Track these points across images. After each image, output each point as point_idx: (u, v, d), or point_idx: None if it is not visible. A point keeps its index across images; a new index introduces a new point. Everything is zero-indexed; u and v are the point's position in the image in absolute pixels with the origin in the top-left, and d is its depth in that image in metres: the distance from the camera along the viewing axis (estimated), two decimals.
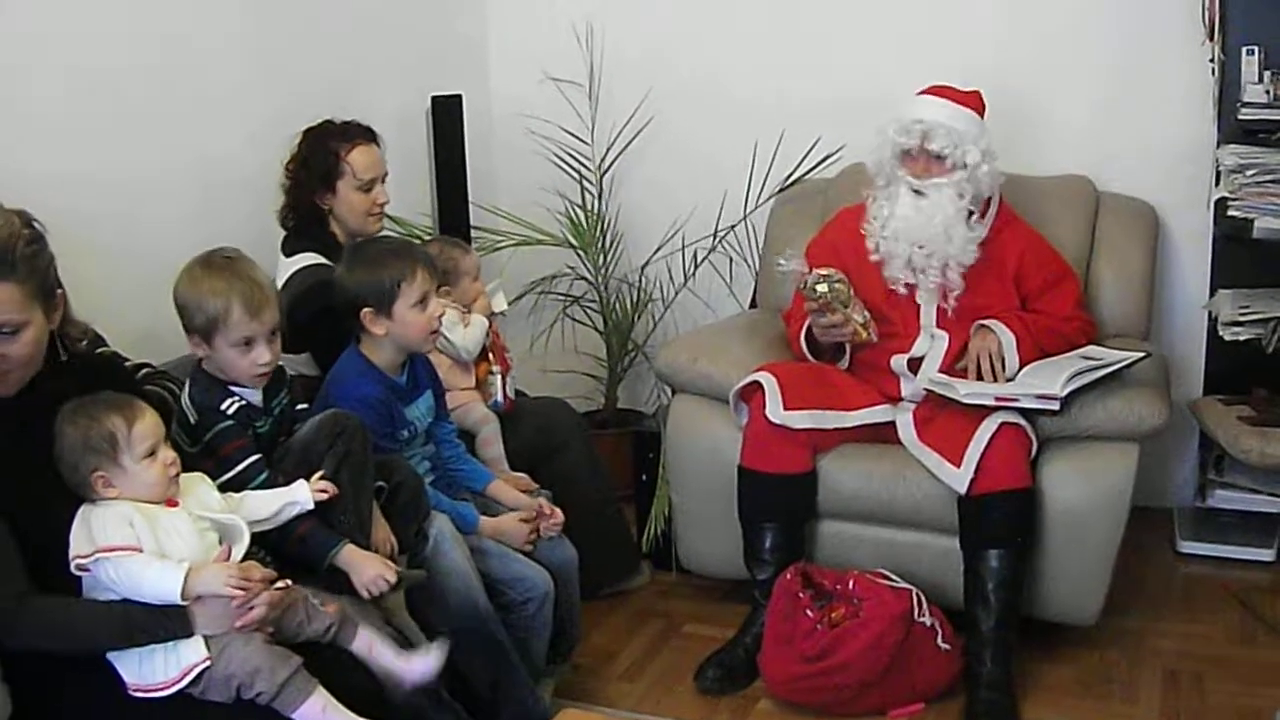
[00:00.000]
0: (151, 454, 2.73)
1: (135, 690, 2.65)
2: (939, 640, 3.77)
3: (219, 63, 4.22)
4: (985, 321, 4.03)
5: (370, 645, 2.90)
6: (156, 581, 2.62)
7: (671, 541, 4.52)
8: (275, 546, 3.01)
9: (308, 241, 4.05)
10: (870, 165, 4.16)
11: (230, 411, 3.10)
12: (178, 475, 2.79)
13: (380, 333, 3.46)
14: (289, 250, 4.06)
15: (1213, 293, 4.66)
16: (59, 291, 2.76)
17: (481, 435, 4.01)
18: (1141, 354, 3.95)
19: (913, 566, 3.94)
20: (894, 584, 3.80)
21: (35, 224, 2.68)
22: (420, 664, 2.93)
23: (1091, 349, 4.06)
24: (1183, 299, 4.87)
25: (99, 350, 3.31)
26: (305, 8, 4.57)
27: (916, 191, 4.02)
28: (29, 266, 2.64)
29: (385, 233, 4.26)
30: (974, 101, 4.09)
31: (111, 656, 2.67)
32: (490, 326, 4.18)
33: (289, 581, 2.80)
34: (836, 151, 4.92)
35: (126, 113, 3.88)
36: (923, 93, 4.10)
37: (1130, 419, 3.82)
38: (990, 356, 3.95)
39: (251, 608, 2.67)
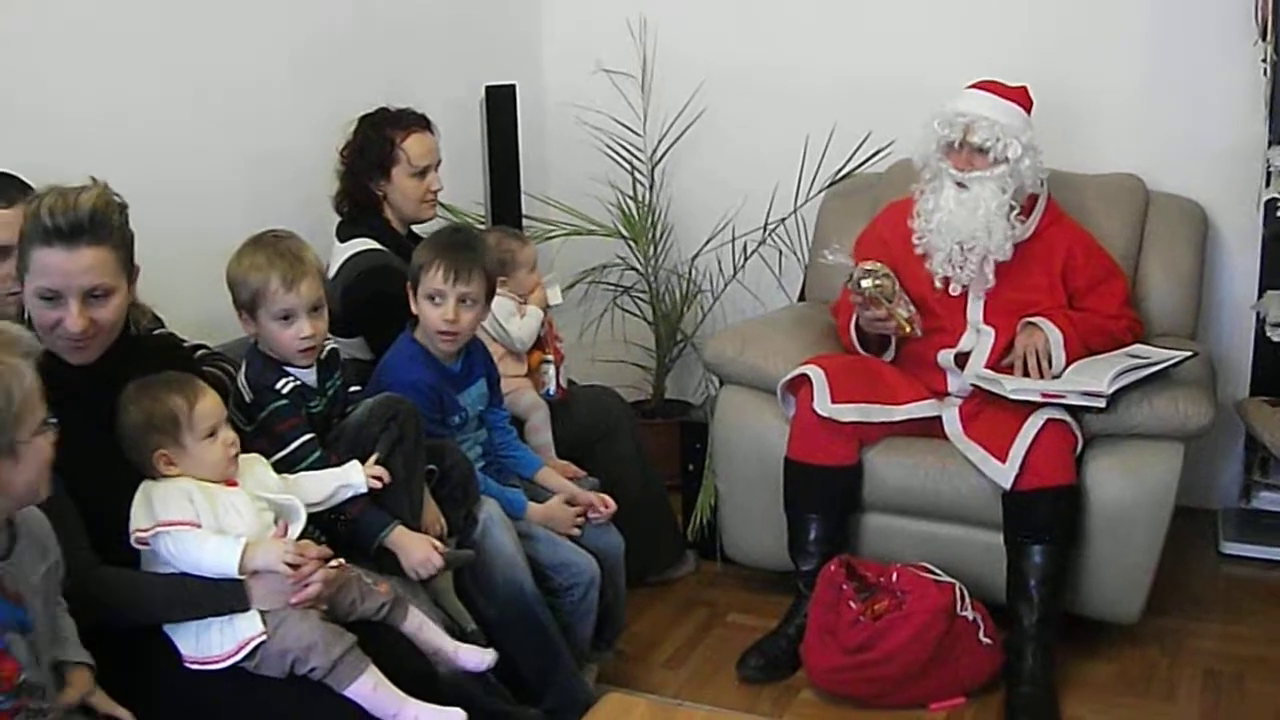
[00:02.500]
0: (212, 434, 2.79)
1: (191, 662, 2.70)
2: (981, 634, 3.79)
3: (277, 51, 4.28)
4: (1032, 318, 4.04)
5: (421, 625, 2.96)
6: (215, 555, 2.67)
7: (716, 531, 4.54)
8: (328, 526, 3.08)
9: (362, 228, 4.10)
10: (916, 158, 4.18)
11: (284, 391, 3.16)
12: (237, 455, 2.85)
13: (416, 310, 3.53)
14: (344, 236, 4.11)
15: (1261, 293, 4.63)
16: (136, 265, 2.82)
17: (531, 422, 4.05)
18: (1188, 353, 3.95)
19: (956, 561, 3.95)
20: (937, 578, 3.83)
21: (117, 197, 2.75)
22: (470, 657, 3.00)
23: (1138, 347, 4.06)
24: (1231, 299, 4.86)
25: (157, 331, 3.38)
26: None
27: (960, 184, 4.03)
28: (120, 235, 2.74)
29: (439, 220, 4.30)
30: (1020, 96, 4.09)
31: (169, 629, 2.72)
32: (545, 317, 4.22)
33: (343, 560, 2.85)
34: (887, 146, 4.92)
35: (185, 101, 3.95)
36: (970, 87, 4.11)
37: (1176, 418, 3.82)
38: (1037, 353, 3.96)
39: (307, 584, 2.72)
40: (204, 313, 3.49)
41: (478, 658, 3.01)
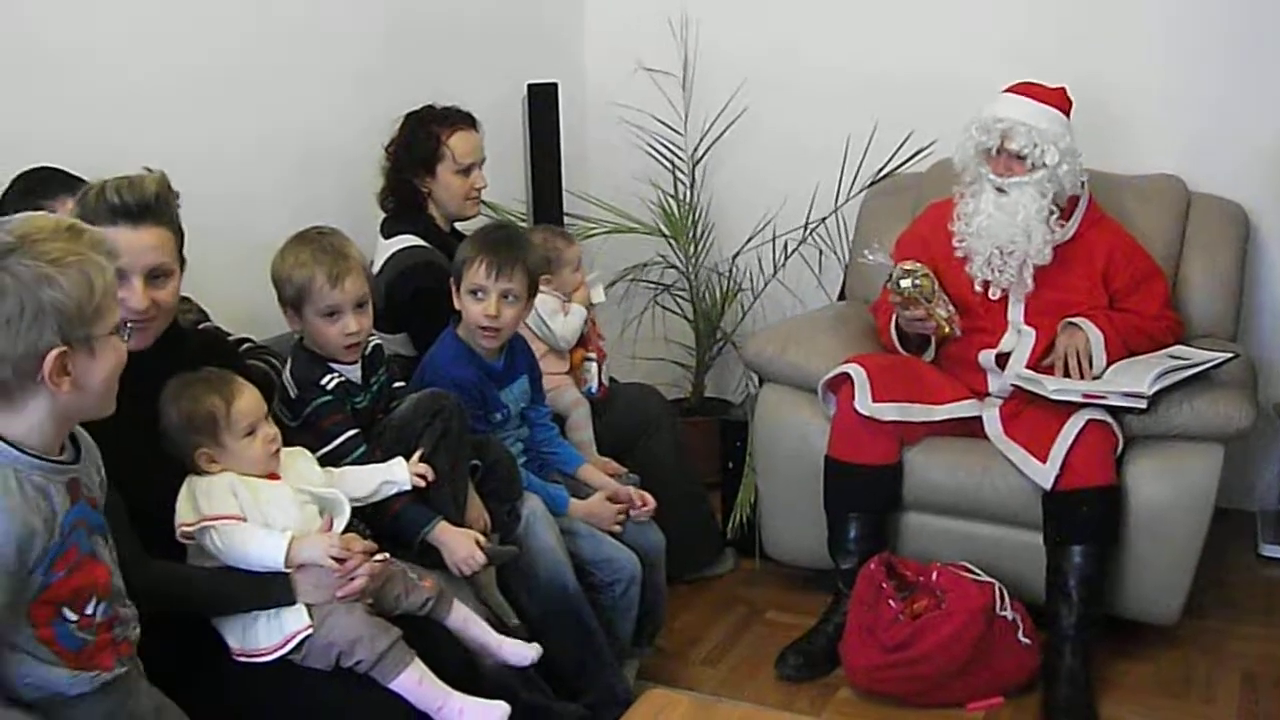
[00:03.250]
0: (251, 431, 2.81)
1: (239, 655, 2.73)
2: (1020, 634, 3.80)
3: (319, 49, 4.32)
4: (1073, 319, 4.04)
5: (465, 620, 2.98)
6: (261, 549, 2.69)
7: (756, 529, 4.56)
8: (372, 520, 3.10)
9: (406, 224, 4.13)
10: (956, 162, 4.19)
11: (329, 387, 3.19)
12: (278, 451, 2.87)
13: (459, 306, 3.56)
14: (388, 232, 4.13)
15: None
16: (184, 257, 2.86)
17: (572, 419, 4.07)
18: (1229, 354, 3.95)
19: (995, 560, 3.96)
20: (977, 577, 3.83)
21: None
22: (515, 652, 3.02)
23: (1179, 348, 4.06)
24: (1272, 301, 4.85)
25: (202, 325, 3.42)
26: None
27: (999, 189, 4.04)
28: (177, 220, 2.80)
29: (481, 217, 4.32)
30: (1058, 99, 4.08)
31: (216, 622, 2.75)
32: (588, 316, 4.24)
33: (388, 555, 2.87)
34: (928, 146, 4.93)
35: (228, 98, 3.98)
36: (1007, 90, 4.11)
37: (1216, 419, 3.82)
38: (1078, 353, 3.96)
39: (353, 578, 2.75)
40: (248, 308, 3.53)
41: (522, 652, 3.04)
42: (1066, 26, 4.86)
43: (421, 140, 4.16)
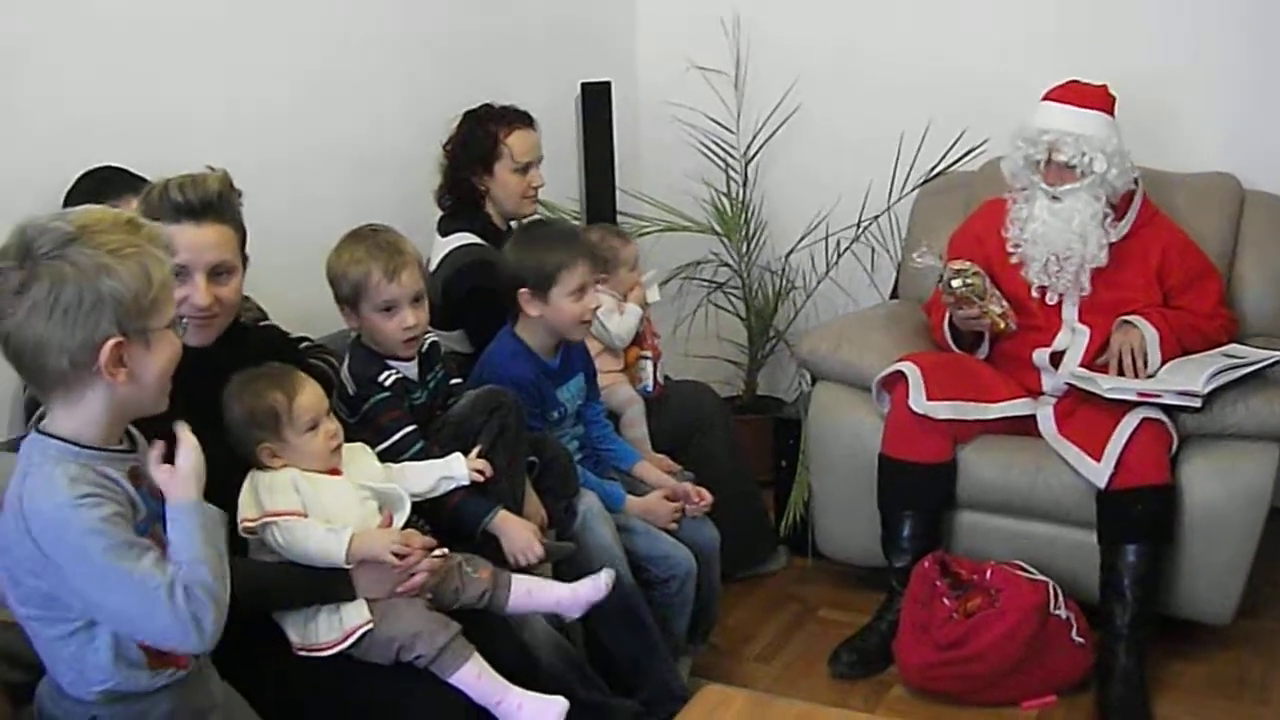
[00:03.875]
0: (313, 427, 2.84)
1: (300, 650, 2.76)
2: (1073, 633, 3.80)
3: (375, 49, 4.36)
4: (1128, 317, 4.03)
5: (528, 591, 3.00)
6: (321, 546, 2.72)
7: (809, 527, 4.57)
8: (429, 515, 3.12)
9: (463, 222, 4.16)
10: (1006, 172, 4.19)
11: (387, 383, 3.22)
12: (339, 447, 2.89)
13: (534, 314, 3.56)
14: (445, 230, 4.17)
15: None
16: (246, 254, 2.90)
17: (626, 416, 4.09)
18: None
19: (1049, 559, 3.96)
20: (1031, 576, 3.83)
21: None
22: (586, 590, 3.04)
23: (1234, 347, 4.05)
24: None
25: (263, 323, 3.45)
26: None
27: (1053, 197, 4.04)
28: (239, 218, 2.85)
29: (535, 216, 4.36)
30: (1100, 100, 4.07)
31: (276, 616, 2.78)
32: (643, 315, 4.27)
33: (447, 550, 2.90)
34: (980, 145, 4.92)
35: (285, 97, 4.03)
36: (1048, 96, 4.10)
37: (1271, 418, 3.81)
38: (1133, 352, 3.95)
39: (413, 574, 2.78)
40: (304, 307, 3.56)
41: (596, 583, 3.05)
42: (1122, 23, 4.83)
43: (480, 138, 4.19)
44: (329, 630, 2.76)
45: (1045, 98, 4.11)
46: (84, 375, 2.10)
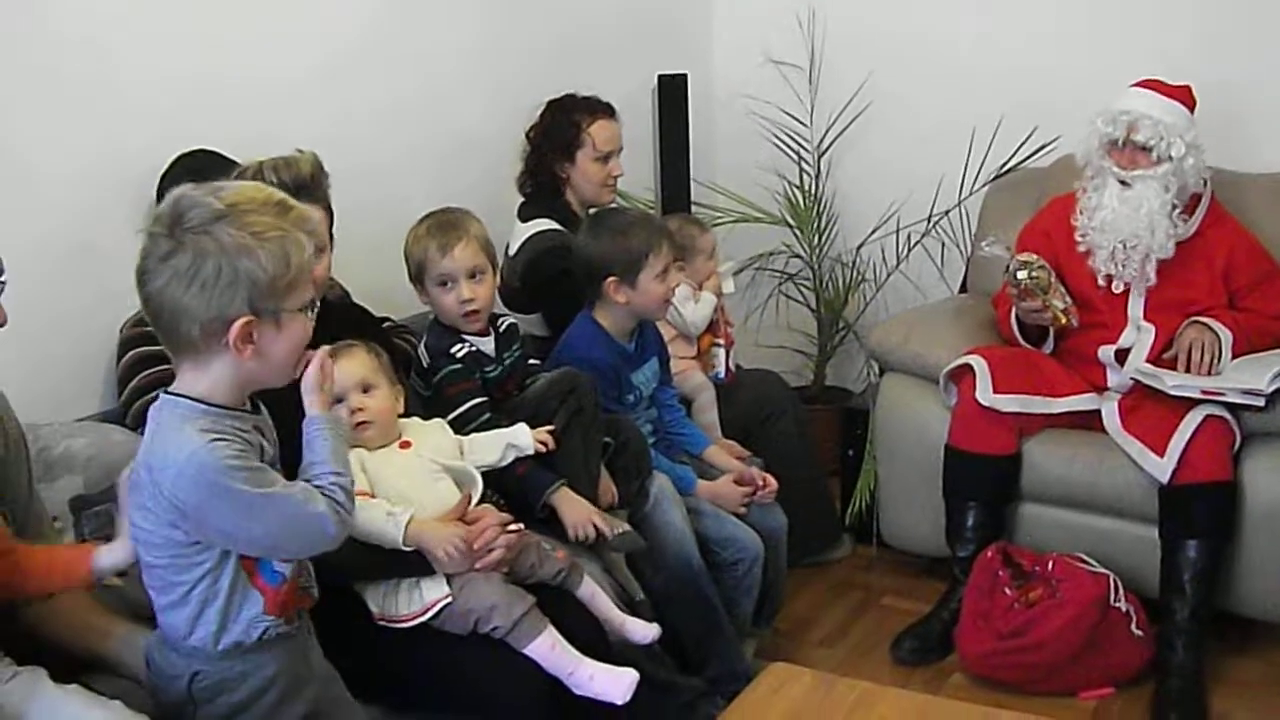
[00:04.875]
0: (340, 399, 2.87)
1: (380, 620, 2.84)
2: (1133, 626, 3.83)
3: (458, 39, 4.46)
4: (1201, 319, 4.05)
5: (594, 594, 3.08)
6: (380, 530, 2.77)
7: (874, 516, 4.62)
8: (499, 487, 3.19)
9: (543, 208, 4.25)
10: (1079, 156, 4.21)
11: (459, 355, 3.33)
12: (363, 425, 2.92)
13: (622, 300, 3.64)
14: (525, 216, 4.26)
15: None
16: (333, 234, 2.99)
17: (698, 402, 4.16)
18: None
19: (1110, 552, 3.99)
20: (1092, 568, 3.88)
21: None
22: (636, 630, 3.12)
23: None
24: None
25: (347, 302, 3.54)
26: None
27: (1123, 183, 4.06)
28: (327, 198, 2.96)
29: (612, 205, 4.43)
30: (1183, 95, 4.10)
31: (358, 587, 2.86)
32: (718, 303, 4.34)
33: (522, 525, 2.97)
34: (1052, 142, 4.94)
35: (374, 85, 4.13)
36: (1133, 85, 4.13)
37: None
38: (1202, 348, 3.97)
39: (490, 550, 2.85)
40: (386, 289, 3.65)
41: (643, 631, 3.13)
42: (1197, 24, 4.83)
43: (563, 127, 4.28)
44: (409, 603, 2.83)
45: (1131, 86, 4.13)
46: (214, 345, 2.17)
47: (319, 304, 2.96)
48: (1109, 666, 3.85)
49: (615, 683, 2.82)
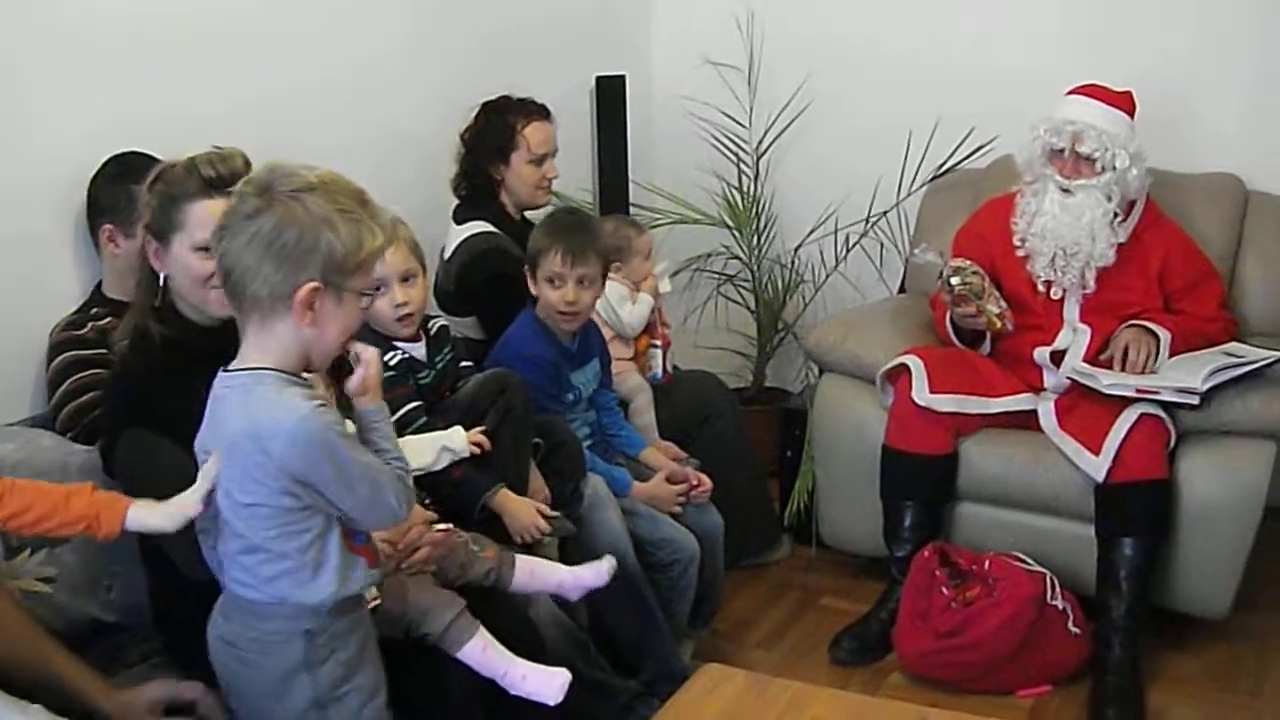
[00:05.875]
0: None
1: None
2: (1070, 624, 3.85)
3: (392, 40, 4.41)
4: (1139, 321, 4.06)
5: (530, 571, 3.05)
6: None
7: (813, 516, 4.61)
8: (433, 491, 3.17)
9: (478, 210, 4.23)
10: (1020, 161, 4.22)
11: (391, 363, 3.28)
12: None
13: (535, 293, 3.64)
14: (460, 218, 4.24)
15: None
16: None
17: (635, 404, 4.15)
18: None
19: (1047, 551, 4.00)
20: (1028, 567, 3.88)
21: None
22: (588, 574, 3.08)
23: (1234, 345, 4.08)
24: None
25: None
26: None
27: (1065, 190, 4.08)
28: None
29: (549, 207, 4.41)
30: (1125, 103, 4.11)
31: None
32: (655, 304, 4.32)
33: (450, 525, 2.95)
34: (989, 143, 4.96)
35: (305, 88, 4.06)
36: (1073, 91, 4.14)
37: (1269, 416, 3.85)
38: (1140, 349, 3.98)
39: (416, 549, 2.84)
40: None
41: (598, 568, 3.08)
42: (1132, 25, 4.86)
43: (497, 129, 4.27)
44: None
45: (1071, 92, 4.14)
46: (278, 308, 2.25)
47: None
48: (1047, 664, 3.86)
49: (548, 683, 2.79)
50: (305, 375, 2.34)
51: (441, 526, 2.91)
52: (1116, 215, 4.07)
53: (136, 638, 3.01)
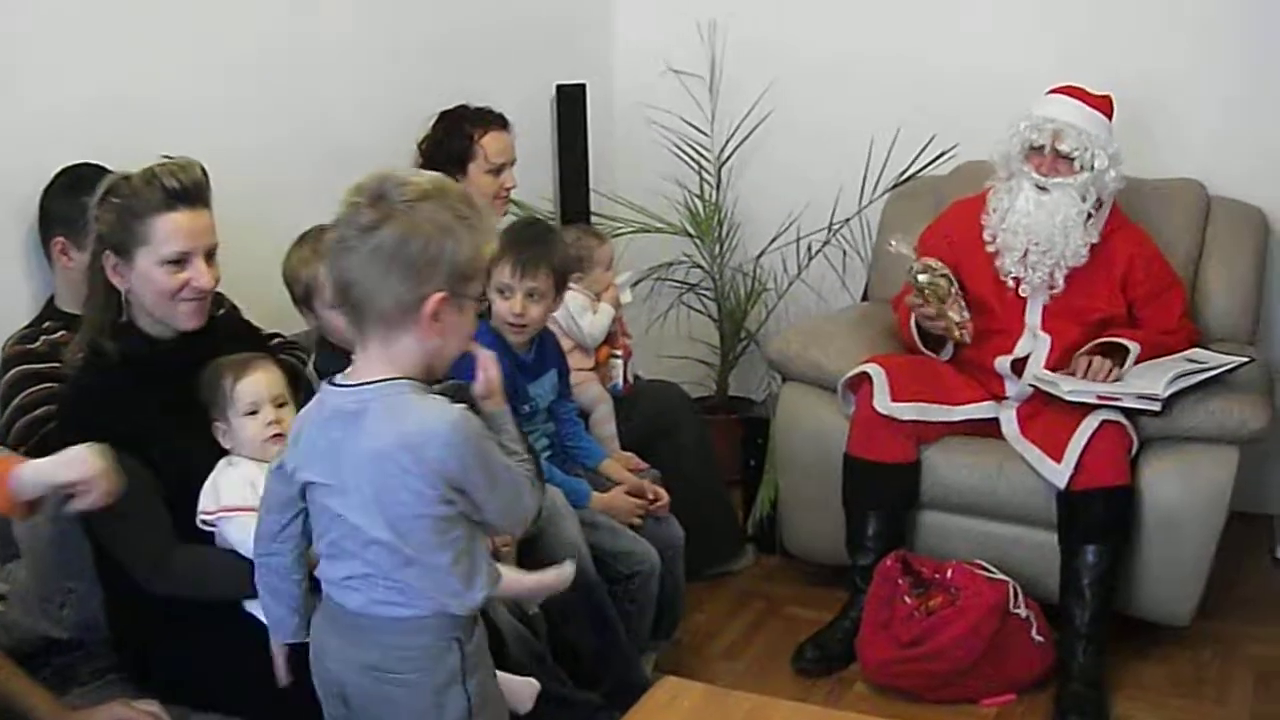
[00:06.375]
0: (252, 412, 2.83)
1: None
2: (1033, 632, 3.84)
3: (350, 48, 4.38)
4: (1108, 339, 4.06)
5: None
6: None
7: (776, 526, 4.61)
8: None
9: None
10: (995, 157, 4.20)
11: None
12: (276, 438, 2.83)
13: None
14: None
15: None
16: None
17: (595, 415, 4.11)
18: (1245, 358, 3.98)
19: (1010, 559, 3.99)
20: (991, 575, 3.88)
21: None
22: (551, 577, 3.02)
23: (1196, 351, 4.08)
24: None
25: (238, 318, 3.48)
26: None
27: (1040, 188, 4.07)
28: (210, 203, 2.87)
29: (509, 216, 4.39)
30: (1105, 106, 4.12)
31: (249, 605, 2.77)
32: (616, 315, 4.30)
33: None
34: (950, 149, 4.97)
35: (261, 95, 4.04)
36: (1054, 91, 4.14)
37: (1230, 422, 3.85)
38: (1105, 364, 3.97)
39: None
40: (277, 304, 3.58)
41: (555, 575, 3.00)
42: (1095, 30, 4.87)
43: (455, 139, 4.25)
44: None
45: (1052, 91, 4.15)
46: (405, 321, 2.22)
47: (212, 316, 2.96)
48: (1010, 673, 3.85)
49: (518, 692, 2.77)
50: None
51: None
52: (1090, 216, 4.07)
53: (90, 655, 2.98)
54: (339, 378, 2.31)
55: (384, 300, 2.19)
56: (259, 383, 2.85)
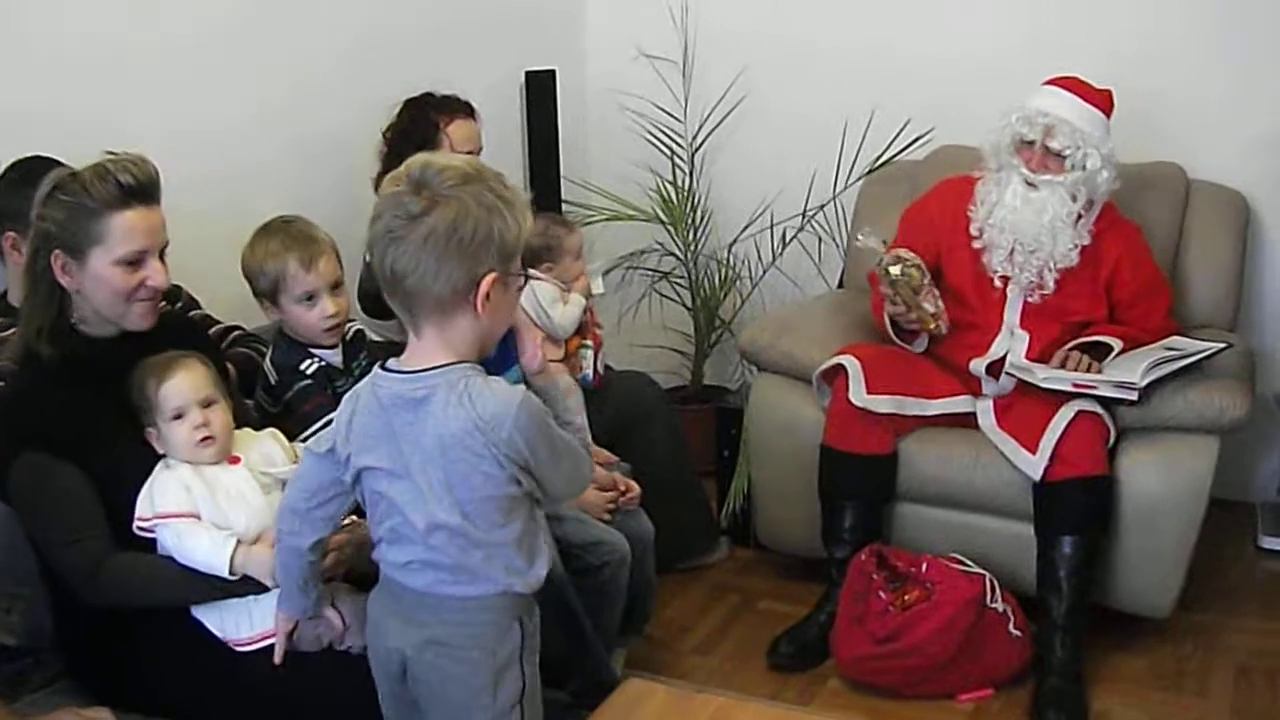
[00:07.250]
0: (179, 416, 2.75)
1: (226, 643, 2.73)
2: (1010, 626, 3.79)
3: (316, 32, 4.32)
4: (1091, 338, 4.01)
5: None
6: (205, 557, 2.66)
7: (750, 518, 4.56)
8: None
9: None
10: (985, 147, 4.11)
11: (309, 371, 3.21)
12: (206, 440, 2.77)
13: None
14: None
15: None
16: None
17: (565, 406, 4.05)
18: (1224, 344, 3.95)
19: (987, 551, 3.95)
20: (967, 569, 3.83)
21: None
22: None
23: (1174, 339, 4.03)
24: (1272, 290, 4.81)
25: (191, 313, 3.42)
26: None
27: (1029, 184, 3.99)
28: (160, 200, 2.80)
29: None
30: (1103, 101, 4.03)
31: (196, 612, 2.74)
32: (587, 305, 4.23)
33: (355, 518, 2.77)
34: (926, 134, 4.93)
35: (222, 80, 3.98)
36: (1051, 82, 4.05)
37: (1210, 410, 3.80)
38: (1083, 358, 3.92)
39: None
40: (242, 295, 3.52)
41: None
42: (1068, 15, 4.84)
43: (420, 127, 4.22)
44: (250, 625, 2.72)
45: (1048, 83, 4.06)
46: (460, 303, 2.25)
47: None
48: (987, 668, 3.80)
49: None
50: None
51: (346, 522, 2.77)
52: (1080, 217, 4.00)
53: (41, 662, 2.94)
54: (392, 363, 2.34)
55: (439, 286, 2.21)
56: (182, 385, 2.75)
